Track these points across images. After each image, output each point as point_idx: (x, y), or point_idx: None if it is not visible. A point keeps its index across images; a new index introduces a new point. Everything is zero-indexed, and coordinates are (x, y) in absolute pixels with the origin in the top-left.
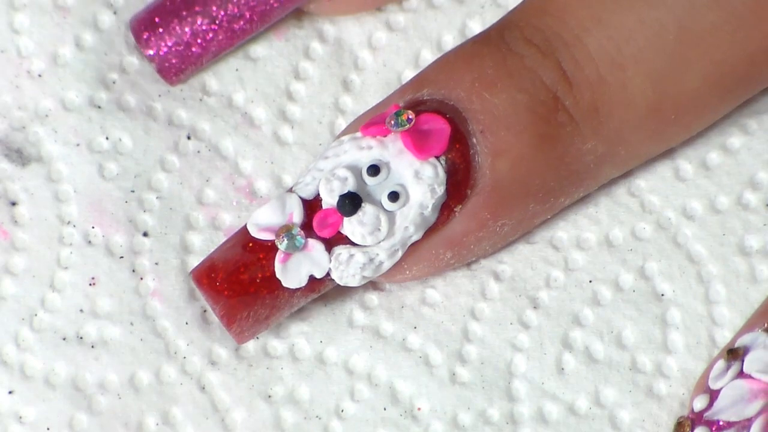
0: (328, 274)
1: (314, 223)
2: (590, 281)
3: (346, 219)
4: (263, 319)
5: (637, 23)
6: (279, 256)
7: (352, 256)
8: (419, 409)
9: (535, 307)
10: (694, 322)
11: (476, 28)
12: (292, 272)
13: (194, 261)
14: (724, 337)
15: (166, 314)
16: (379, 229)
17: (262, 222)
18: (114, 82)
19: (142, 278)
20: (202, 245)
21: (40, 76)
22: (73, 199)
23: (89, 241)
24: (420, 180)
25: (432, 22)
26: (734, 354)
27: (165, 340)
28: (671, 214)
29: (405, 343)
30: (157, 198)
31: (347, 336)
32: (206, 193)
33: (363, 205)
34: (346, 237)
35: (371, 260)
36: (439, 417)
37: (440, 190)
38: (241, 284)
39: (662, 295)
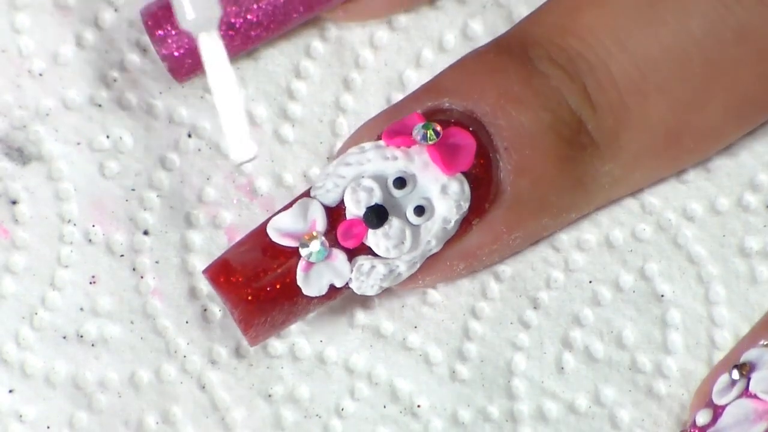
0: (347, 283)
1: (339, 233)
2: (590, 282)
3: (370, 231)
4: (279, 324)
5: (663, 52)
6: (301, 264)
7: (373, 267)
8: (419, 406)
9: (535, 308)
10: (693, 323)
11: (478, 28)
12: (313, 281)
13: (195, 259)
14: (724, 338)
15: (167, 313)
16: (404, 243)
17: (283, 227)
18: (115, 81)
19: (142, 277)
20: (203, 243)
21: (40, 75)
22: (73, 197)
23: (89, 240)
24: (446, 195)
25: (433, 22)
26: (740, 370)
27: (165, 339)
28: (671, 215)
29: (405, 342)
30: (157, 196)
31: (347, 335)
32: (207, 191)
33: (390, 218)
34: (368, 247)
35: (391, 271)
36: (439, 414)
37: (465, 205)
38: (261, 290)
39: (662, 295)
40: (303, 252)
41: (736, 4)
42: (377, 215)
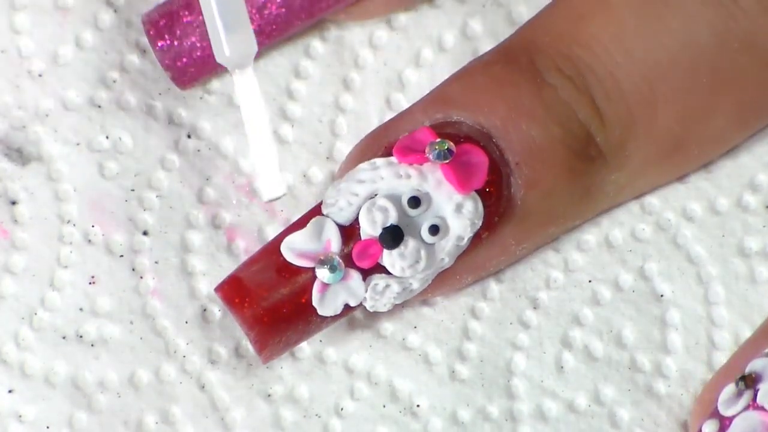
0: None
1: (354, 254)
2: (590, 281)
3: (386, 251)
4: (293, 342)
5: (670, 62)
6: (317, 286)
7: (388, 286)
8: (418, 406)
9: (534, 308)
10: (693, 323)
11: (477, 27)
12: (329, 302)
13: (194, 260)
14: (723, 338)
15: (166, 313)
16: (419, 262)
17: (298, 247)
18: (114, 81)
19: (141, 277)
20: (202, 244)
21: (40, 75)
22: (73, 198)
23: (89, 240)
24: (461, 214)
25: (433, 21)
26: (746, 381)
27: (165, 339)
28: (671, 215)
29: (405, 342)
30: (157, 197)
31: (347, 335)
32: (206, 191)
33: (405, 238)
34: (382, 265)
35: (404, 289)
36: (438, 414)
37: (479, 223)
38: (277, 311)
39: (661, 295)
40: (319, 274)
41: (741, 12)
42: (393, 236)
